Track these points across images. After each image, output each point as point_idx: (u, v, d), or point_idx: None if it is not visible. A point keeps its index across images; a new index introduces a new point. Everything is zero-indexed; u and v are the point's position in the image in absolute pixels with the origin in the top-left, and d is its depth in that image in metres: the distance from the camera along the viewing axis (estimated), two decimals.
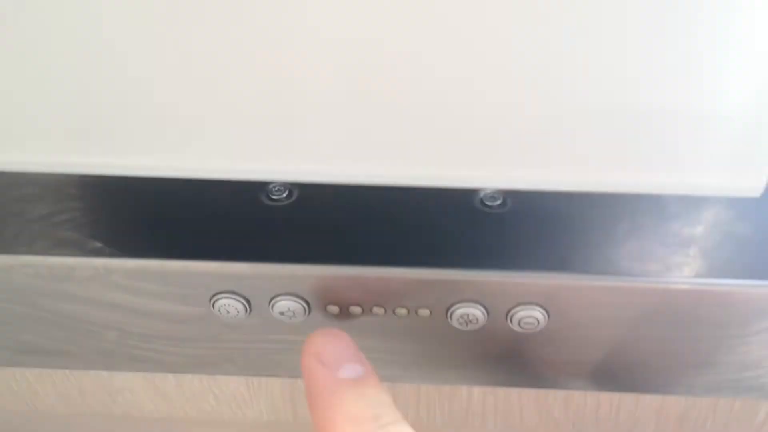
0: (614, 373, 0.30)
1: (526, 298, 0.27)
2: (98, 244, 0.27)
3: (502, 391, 0.39)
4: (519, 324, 0.27)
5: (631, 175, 0.22)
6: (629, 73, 0.20)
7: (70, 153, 0.24)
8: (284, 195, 0.29)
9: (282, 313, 0.28)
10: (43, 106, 0.23)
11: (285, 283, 0.27)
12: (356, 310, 0.27)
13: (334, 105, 0.22)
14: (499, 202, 0.28)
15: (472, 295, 0.27)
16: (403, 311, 0.27)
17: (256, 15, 0.20)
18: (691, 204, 0.29)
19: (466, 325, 0.27)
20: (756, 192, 0.23)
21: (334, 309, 0.27)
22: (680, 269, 0.26)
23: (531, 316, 0.27)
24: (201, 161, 0.23)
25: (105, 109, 0.23)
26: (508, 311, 0.27)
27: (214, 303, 0.28)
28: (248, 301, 0.27)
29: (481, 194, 0.29)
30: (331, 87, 0.22)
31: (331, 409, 0.24)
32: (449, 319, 0.27)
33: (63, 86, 0.22)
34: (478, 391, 0.39)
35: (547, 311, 0.27)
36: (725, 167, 0.22)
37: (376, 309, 0.27)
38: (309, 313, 0.28)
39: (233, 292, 0.27)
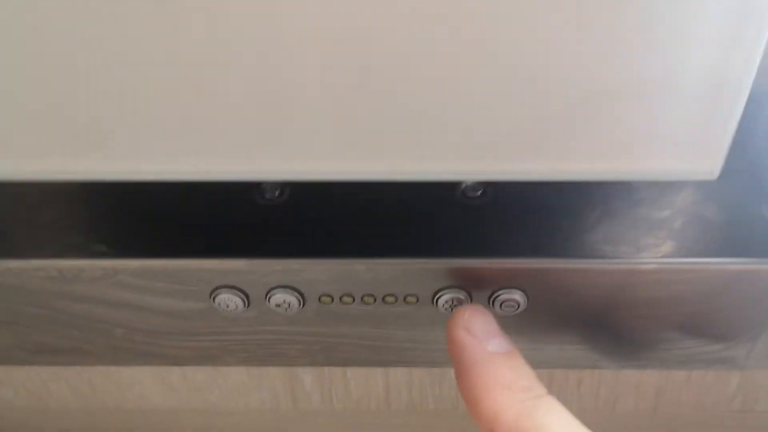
0: (593, 350, 0.30)
1: (507, 282, 0.27)
2: (103, 247, 0.27)
3: None
4: (501, 307, 0.27)
5: (593, 164, 0.22)
6: (585, 61, 0.20)
7: (66, 162, 0.24)
8: (276, 194, 0.29)
9: (278, 305, 0.28)
10: (37, 118, 0.23)
11: (280, 277, 0.27)
12: (348, 299, 0.28)
13: (319, 110, 0.22)
14: (479, 193, 0.29)
15: (456, 282, 0.27)
16: (392, 299, 0.28)
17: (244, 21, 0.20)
18: (659, 188, 0.29)
19: (452, 310, 0.27)
20: (712, 174, 0.23)
21: (327, 299, 0.28)
22: (649, 250, 0.26)
23: (512, 299, 0.27)
24: (195, 165, 0.23)
25: (99, 120, 0.23)
26: (491, 295, 0.27)
27: (214, 298, 0.28)
28: (246, 295, 0.28)
29: (463, 186, 0.29)
30: (316, 93, 0.22)
31: (484, 378, 0.24)
32: (435, 305, 0.27)
33: (56, 98, 0.22)
34: None
35: (526, 294, 0.27)
36: (682, 152, 0.22)
37: (366, 298, 0.28)
38: (303, 304, 0.28)
39: (232, 287, 0.27)
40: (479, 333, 0.25)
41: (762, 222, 0.27)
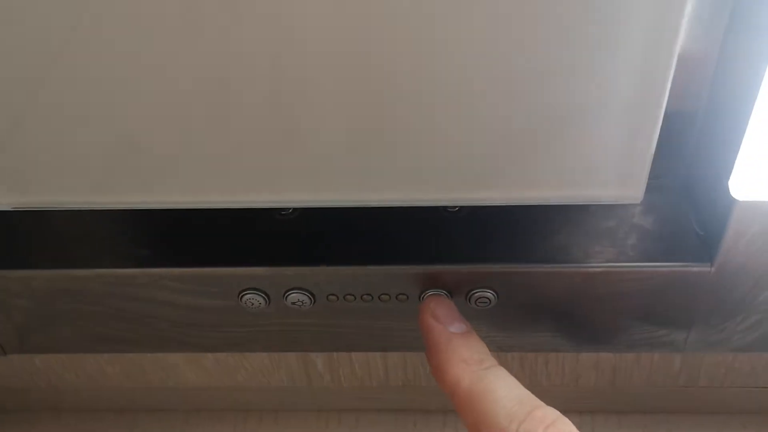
0: (556, 337, 0.31)
1: (480, 283, 0.29)
2: (150, 257, 0.29)
3: None
4: (475, 303, 0.29)
5: (533, 192, 0.24)
6: (515, 86, 0.21)
7: (96, 194, 0.25)
8: (290, 211, 0.30)
9: (293, 303, 0.29)
10: (70, 154, 0.23)
11: (294, 280, 0.29)
12: (350, 298, 0.29)
13: (322, 146, 0.23)
14: (457, 209, 0.30)
15: (438, 283, 0.29)
16: (386, 297, 0.29)
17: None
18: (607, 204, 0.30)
19: None
20: (637, 199, 0.24)
21: (333, 298, 0.29)
22: (596, 256, 0.28)
23: (484, 296, 0.29)
24: (214, 197, 0.25)
25: (124, 157, 0.23)
26: (467, 293, 0.29)
27: (241, 297, 0.29)
28: (267, 295, 0.29)
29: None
30: (318, 127, 0.22)
31: (446, 354, 0.26)
32: (422, 302, 0.29)
33: (85, 136, 0.23)
34: None
35: (496, 292, 0.29)
36: (607, 181, 0.23)
37: (365, 297, 0.29)
38: (314, 302, 0.29)
39: (255, 289, 0.29)
40: (442, 318, 0.27)
41: (690, 232, 0.29)
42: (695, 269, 0.28)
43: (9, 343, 0.33)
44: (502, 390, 0.25)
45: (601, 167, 0.23)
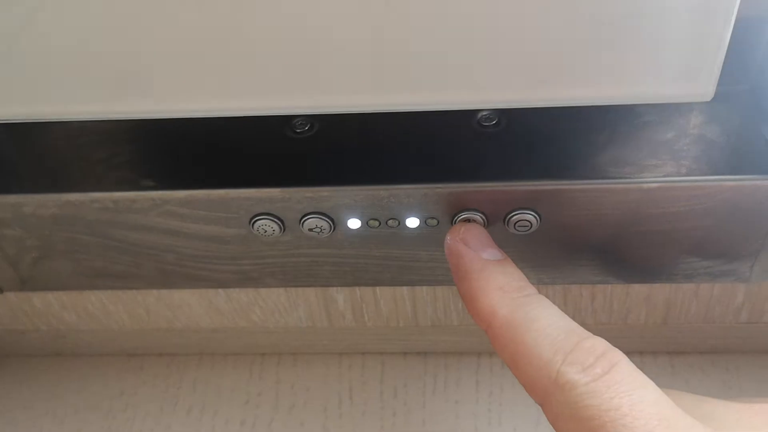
0: (604, 267, 0.31)
1: (519, 204, 0.28)
2: (152, 180, 0.29)
3: None
4: (515, 227, 0.28)
5: (594, 90, 0.22)
6: None
7: (109, 104, 0.25)
8: (307, 128, 0.30)
9: (311, 230, 0.29)
10: (84, 59, 0.23)
11: (312, 204, 0.28)
12: (374, 223, 0.29)
13: (344, 47, 0.23)
14: (494, 122, 0.29)
15: (473, 204, 0.28)
16: (414, 222, 0.29)
17: None
18: (663, 112, 0.29)
19: None
20: (707, 96, 0.23)
21: (356, 223, 0.29)
22: (651, 170, 0.27)
23: (524, 219, 0.28)
24: (231, 102, 0.24)
25: (138, 62, 0.23)
26: (505, 216, 0.28)
27: (253, 224, 0.29)
28: (282, 221, 0.29)
29: (478, 116, 0.30)
30: (341, 31, 0.22)
31: (481, 281, 0.26)
32: (451, 227, 0.28)
33: (101, 39, 0.23)
34: None
35: (538, 214, 0.28)
36: (675, 76, 0.22)
37: (390, 221, 0.29)
38: (334, 228, 0.29)
39: (269, 214, 0.29)
40: (474, 244, 0.27)
41: (760, 141, 0.28)
42: (767, 183, 0.27)
43: (5, 279, 0.33)
44: (545, 319, 0.24)
45: (668, 61, 0.22)
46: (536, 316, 0.24)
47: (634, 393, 0.22)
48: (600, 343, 0.23)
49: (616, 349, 0.23)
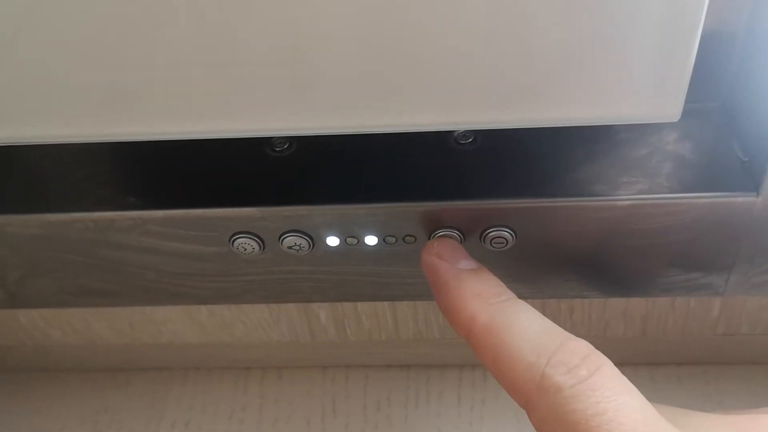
0: (580, 281, 0.31)
1: (496, 221, 0.28)
2: (132, 199, 0.28)
3: None
4: (491, 243, 0.28)
5: (565, 111, 0.23)
6: (556, 12, 0.21)
7: (96, 125, 0.24)
8: (285, 146, 0.30)
9: (290, 248, 0.29)
10: (66, 83, 0.23)
11: (291, 222, 0.28)
12: (353, 240, 0.29)
13: (329, 70, 0.23)
14: (470, 140, 0.30)
15: (450, 222, 0.28)
16: (392, 239, 0.29)
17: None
18: (637, 130, 0.29)
19: None
20: (674, 117, 0.23)
21: (335, 240, 0.29)
22: (625, 188, 0.27)
23: (500, 236, 0.28)
24: (211, 125, 0.24)
25: (119, 86, 0.23)
26: (481, 233, 0.28)
27: (233, 242, 0.29)
28: (261, 239, 0.29)
29: (455, 135, 0.30)
30: (326, 54, 0.22)
31: (458, 290, 0.25)
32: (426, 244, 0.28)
33: (84, 63, 0.23)
34: None
35: (514, 231, 0.28)
36: (643, 96, 0.22)
37: (368, 239, 0.29)
38: (313, 246, 0.29)
39: (248, 232, 0.28)
40: (448, 256, 0.27)
41: (733, 158, 0.28)
42: (739, 199, 0.27)
43: None
44: (526, 322, 0.24)
45: (635, 82, 0.22)
46: (517, 319, 0.24)
47: (619, 398, 0.22)
48: (584, 345, 0.23)
49: (600, 353, 0.23)
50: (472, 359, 0.44)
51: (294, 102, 0.24)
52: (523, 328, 0.24)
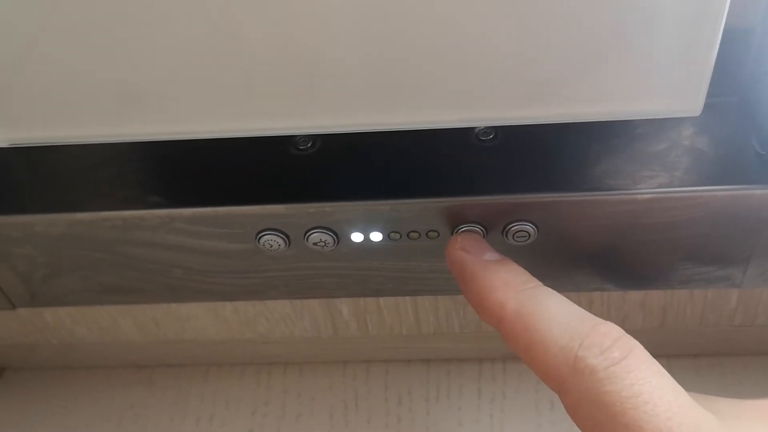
0: (600, 275, 0.31)
1: (518, 215, 0.28)
2: (160, 198, 0.29)
3: None
4: (513, 238, 0.29)
5: (587, 107, 0.23)
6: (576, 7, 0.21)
7: (120, 125, 0.25)
8: (309, 145, 0.30)
9: (315, 244, 0.29)
10: (89, 84, 0.23)
11: (316, 219, 0.28)
12: (377, 236, 0.29)
13: (345, 67, 0.23)
14: (491, 136, 0.30)
15: (472, 217, 0.28)
16: (415, 235, 0.29)
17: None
18: (656, 124, 0.29)
19: None
20: (695, 111, 0.23)
21: (359, 236, 0.29)
22: (645, 182, 0.27)
23: (523, 230, 0.28)
24: (233, 124, 0.25)
25: (138, 86, 0.24)
26: (504, 227, 0.28)
27: (259, 239, 0.29)
28: (287, 236, 0.29)
29: (476, 131, 0.30)
30: (339, 55, 0.23)
31: (486, 280, 0.26)
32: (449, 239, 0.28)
33: (106, 64, 0.23)
34: None
35: (536, 225, 0.28)
36: (665, 92, 0.23)
37: (392, 234, 0.29)
38: (337, 242, 0.29)
39: (274, 229, 0.29)
40: (473, 249, 0.27)
41: (750, 151, 0.28)
42: (757, 192, 0.27)
43: (17, 295, 0.34)
44: (556, 307, 0.24)
45: (658, 77, 0.22)
46: (546, 305, 0.24)
47: (653, 380, 0.22)
48: (615, 328, 0.23)
49: (630, 336, 0.23)
50: (491, 353, 0.44)
51: (311, 101, 0.24)
52: (554, 313, 0.24)
